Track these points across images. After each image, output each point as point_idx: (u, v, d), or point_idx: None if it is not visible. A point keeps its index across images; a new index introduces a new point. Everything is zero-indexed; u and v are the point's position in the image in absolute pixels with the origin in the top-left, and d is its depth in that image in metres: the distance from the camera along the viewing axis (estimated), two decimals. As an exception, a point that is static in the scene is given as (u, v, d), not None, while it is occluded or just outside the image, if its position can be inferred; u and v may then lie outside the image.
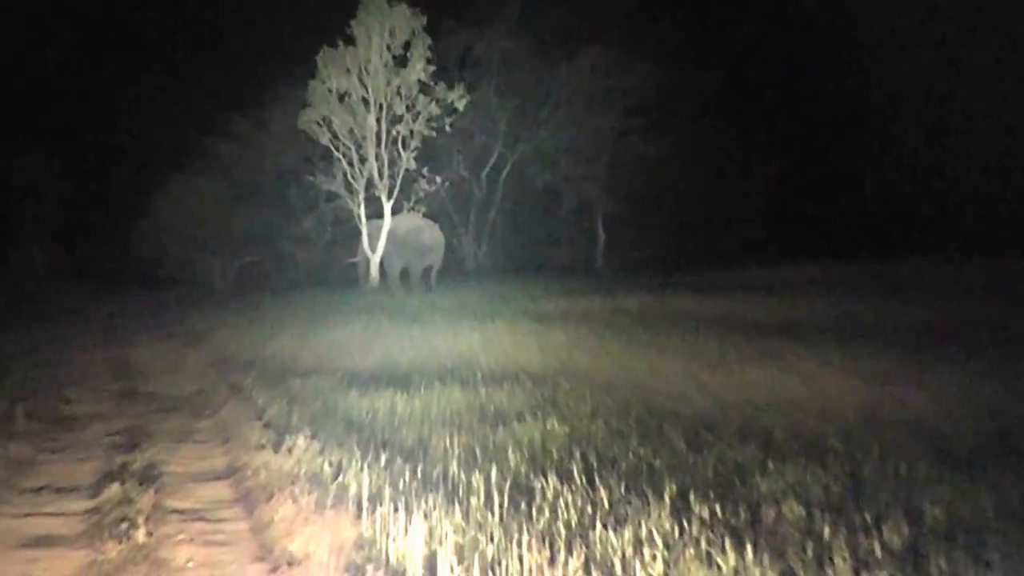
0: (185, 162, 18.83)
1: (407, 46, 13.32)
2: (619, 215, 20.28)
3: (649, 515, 2.69)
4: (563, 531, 2.64)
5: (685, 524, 2.62)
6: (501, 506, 2.85)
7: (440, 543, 2.60)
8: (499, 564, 2.47)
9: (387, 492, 3.03)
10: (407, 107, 13.46)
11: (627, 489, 2.93)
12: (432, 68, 13.35)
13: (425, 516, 2.79)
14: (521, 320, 7.98)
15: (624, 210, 19.98)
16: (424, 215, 14.51)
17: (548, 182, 19.99)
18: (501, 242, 21.69)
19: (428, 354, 6.33)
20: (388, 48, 13.31)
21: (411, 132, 13.51)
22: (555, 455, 3.42)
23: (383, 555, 2.64)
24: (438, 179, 14.16)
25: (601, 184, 19.79)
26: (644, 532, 2.57)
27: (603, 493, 2.90)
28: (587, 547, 2.52)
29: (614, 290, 11.66)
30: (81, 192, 20.10)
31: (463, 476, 3.16)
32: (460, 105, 13.60)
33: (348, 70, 13.27)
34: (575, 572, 2.41)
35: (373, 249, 13.87)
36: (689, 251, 19.57)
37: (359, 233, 14.34)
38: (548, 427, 3.87)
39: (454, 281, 15.53)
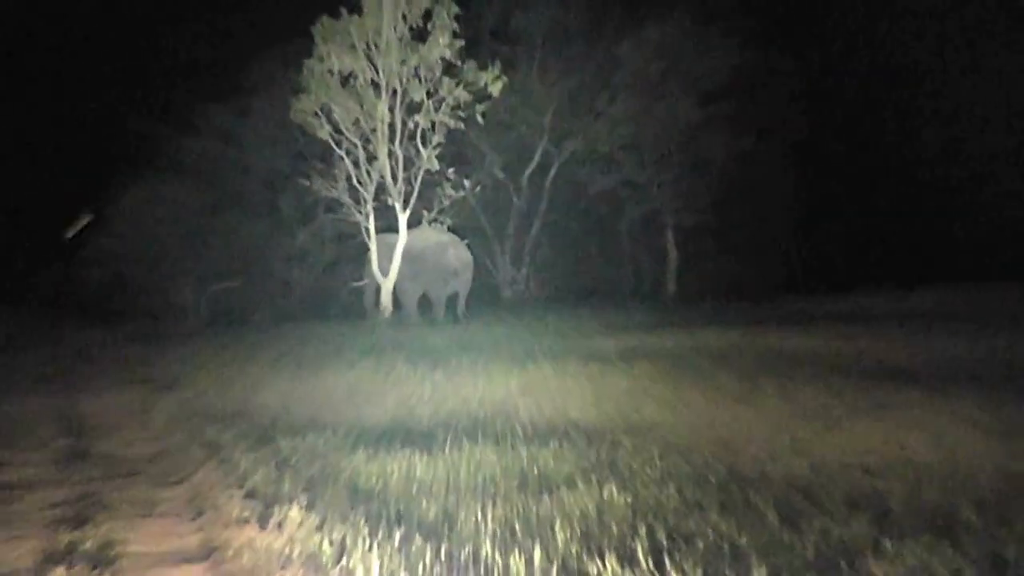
0: (148, 163, 18.64)
1: (427, 15, 13.51)
2: (695, 229, 20.37)
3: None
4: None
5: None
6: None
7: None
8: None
9: (403, 576, 3.06)
10: (428, 92, 13.68)
11: (706, 575, 2.96)
12: (460, 43, 13.56)
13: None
14: (572, 361, 8.10)
15: (701, 223, 20.10)
16: (449, 229, 14.81)
17: (605, 188, 20.18)
18: (546, 263, 21.85)
19: (455, 404, 6.46)
20: (404, 18, 13.49)
21: (432, 124, 13.73)
22: (614, 531, 3.45)
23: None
24: (467, 183, 14.46)
25: (671, 190, 19.93)
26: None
27: (674, 579, 2.93)
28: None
29: (689, 323, 11.85)
30: (15, 199, 19.92)
31: (498, 558, 3.20)
32: (495, 90, 13.71)
33: (353, 46, 13.47)
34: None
35: (384, 272, 14.12)
36: (780, 274, 19.69)
37: (366, 252, 14.64)
38: (605, 496, 3.91)
39: (487, 312, 15.69)
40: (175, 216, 18.49)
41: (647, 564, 3.06)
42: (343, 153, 14.04)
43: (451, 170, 14.13)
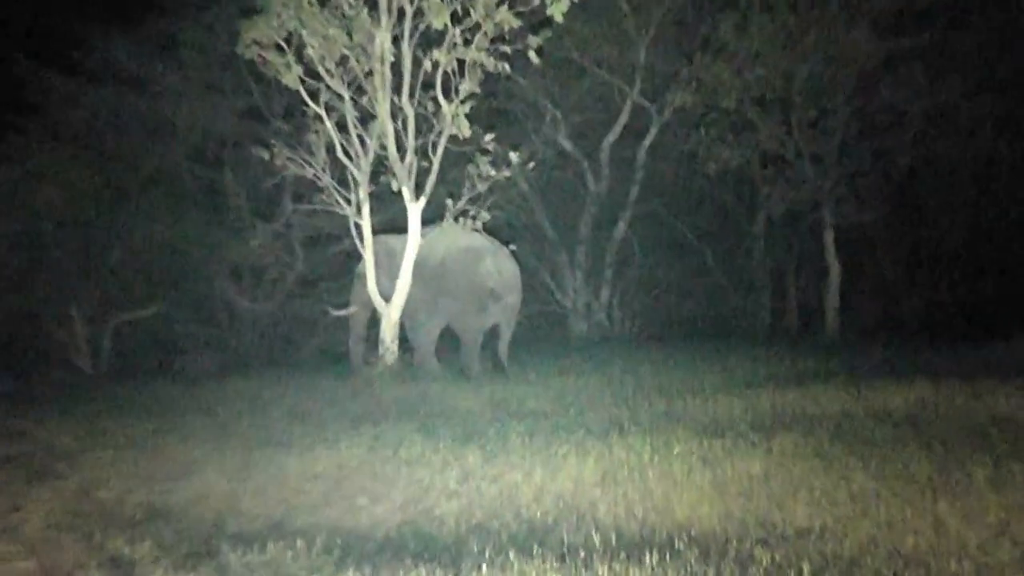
0: (12, 124, 17.95)
1: None
2: (868, 231, 20.32)
3: None
4: None
5: None
6: None
7: None
8: None
9: None
10: (454, 15, 13.66)
11: None
12: (503, -63, 13.70)
13: None
14: (680, 434, 8.20)
15: (878, 222, 20.13)
16: (485, 229, 14.85)
17: (730, 165, 20.24)
18: (640, 282, 21.97)
19: (497, 500, 6.58)
20: None
21: (461, 65, 13.78)
22: None
23: None
24: (514, 157, 14.43)
25: (835, 171, 19.96)
26: None
27: None
28: None
29: (862, 374, 11.81)
30: None
31: None
32: (558, 10, 13.76)
33: (336, -62, 13.74)
34: None
35: (386, 295, 14.23)
36: (988, 304, 19.60)
37: (358, 263, 14.83)
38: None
39: (547, 357, 15.85)
40: (58, 206, 17.97)
41: None
42: (321, 110, 14.05)
43: (489, 137, 14.13)
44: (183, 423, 10.22)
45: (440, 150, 13.92)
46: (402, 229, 14.32)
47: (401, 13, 13.71)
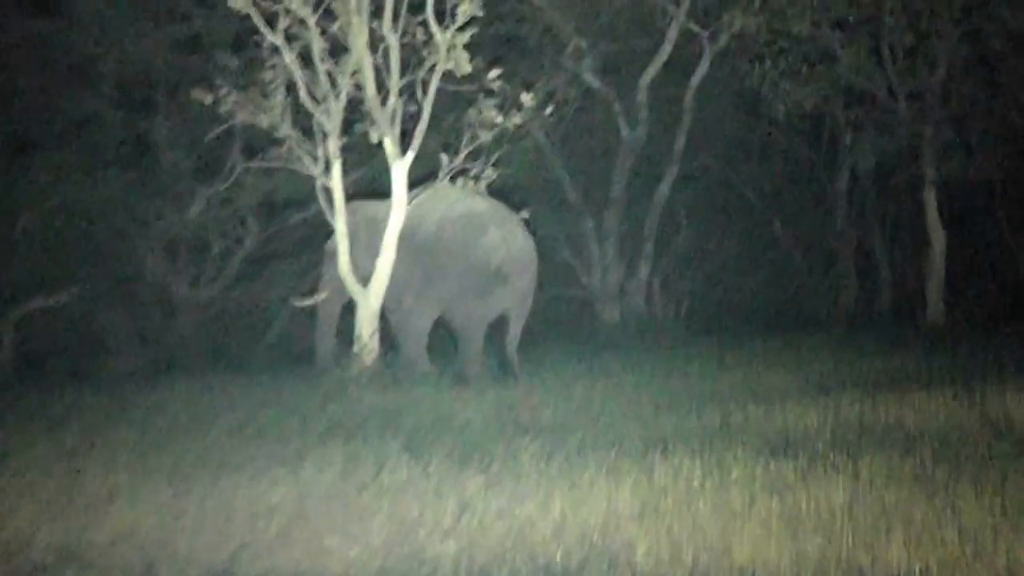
0: None
1: None
2: (981, 190, 20.35)
3: None
4: None
5: None
6: None
7: None
8: None
9: None
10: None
11: None
12: None
13: None
14: (739, 453, 8.19)
15: (993, 178, 20.26)
16: (490, 192, 14.83)
17: (803, 108, 20.22)
18: (686, 256, 21.95)
19: (506, 537, 6.52)
20: None
21: (457, -22, 13.90)
22: None
23: None
24: (526, 99, 14.43)
25: (937, 116, 19.94)
26: None
27: None
28: None
29: (975, 374, 11.76)
30: None
31: None
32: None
33: None
34: None
35: (363, 277, 14.21)
36: None
37: (328, 237, 14.91)
38: None
39: (570, 352, 16.01)
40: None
41: None
42: (279, 39, 14.00)
43: (495, 74, 14.14)
44: (105, 440, 10.15)
45: (432, 91, 13.93)
46: (384, 193, 14.33)
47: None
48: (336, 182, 14.20)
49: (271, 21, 13.90)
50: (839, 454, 7.97)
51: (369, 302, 14.06)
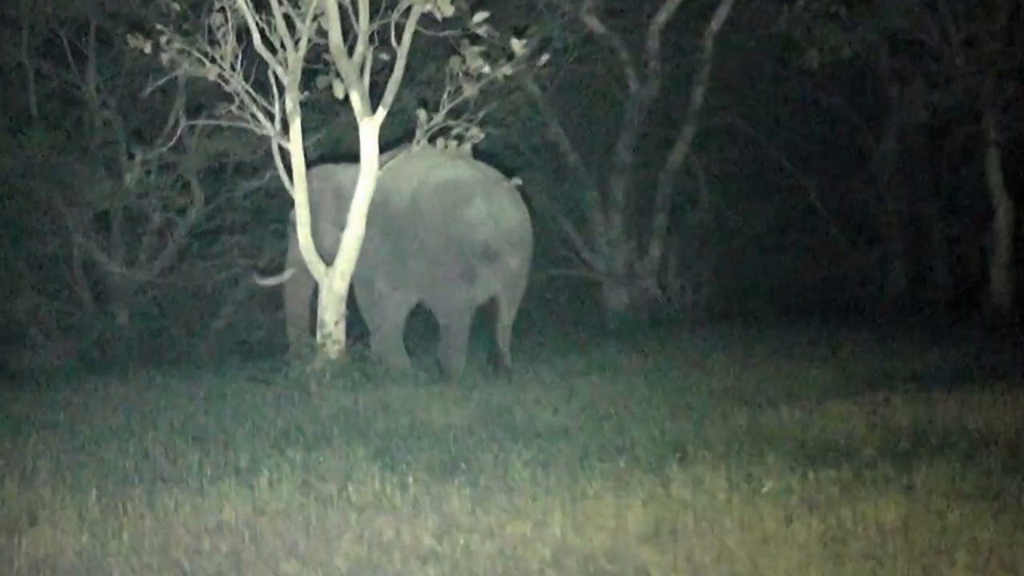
0: None
1: None
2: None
3: None
4: None
5: None
6: None
7: None
8: None
9: None
10: None
11: None
12: None
13: None
14: (772, 462, 8.18)
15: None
16: (476, 155, 14.76)
17: (841, 56, 20.12)
18: (706, 231, 21.98)
19: (494, 564, 6.45)
20: None
21: None
22: None
23: None
24: (517, 46, 14.36)
25: (998, 67, 19.96)
26: None
27: None
28: None
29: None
30: None
31: None
32: None
33: None
34: None
35: (327, 254, 14.18)
36: None
37: (289, 209, 14.84)
38: None
39: (571, 345, 16.12)
40: None
41: None
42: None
43: (481, 17, 14.07)
44: (25, 449, 10.13)
45: (407, 37, 13.89)
46: (351, 156, 14.29)
47: None
48: (295, 143, 14.11)
49: (217, -47, 13.94)
50: (889, 464, 7.95)
51: (334, 284, 13.97)
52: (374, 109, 13.87)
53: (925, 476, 7.55)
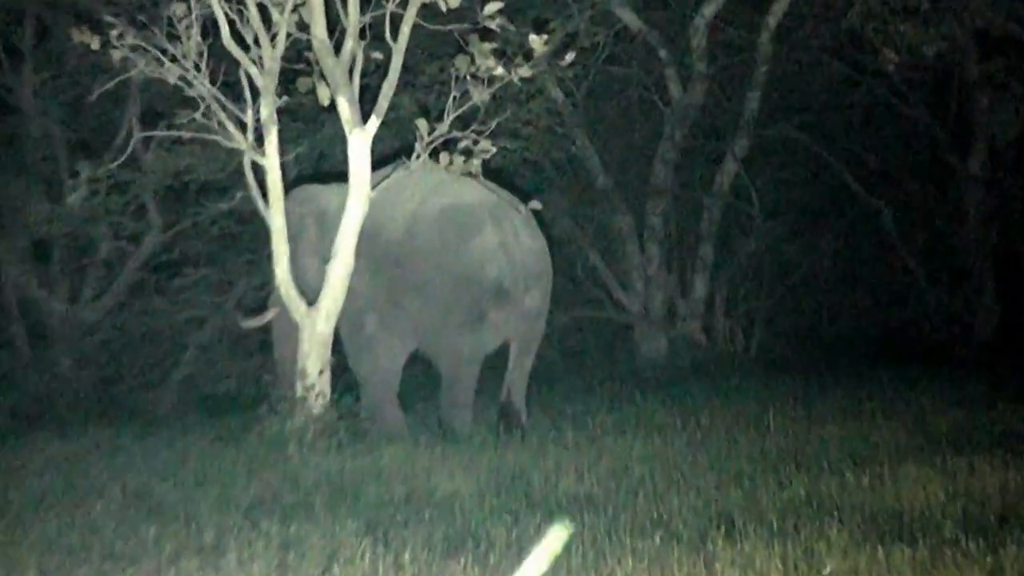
0: None
1: None
2: None
3: None
4: None
5: None
6: None
7: None
8: None
9: None
10: None
11: None
12: None
13: None
14: (835, 538, 8.15)
15: None
16: (487, 175, 14.72)
17: (920, 58, 20.11)
18: (760, 264, 22.02)
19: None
20: None
21: None
22: None
23: None
24: (537, 43, 14.38)
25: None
26: None
27: None
28: None
29: None
30: None
31: None
32: None
33: None
34: None
35: (310, 290, 14.18)
36: None
37: (262, 236, 14.90)
38: None
39: (599, 397, 16.15)
40: None
41: None
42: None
43: (494, 7, 14.09)
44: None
45: (405, 31, 13.91)
46: (338, 174, 14.31)
47: None
48: (271, 159, 14.08)
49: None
50: (973, 540, 7.91)
51: (317, 327, 13.90)
52: (365, 118, 13.86)
53: (1015, 557, 7.54)
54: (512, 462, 11.76)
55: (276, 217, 14.04)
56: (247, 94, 14.08)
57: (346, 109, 13.81)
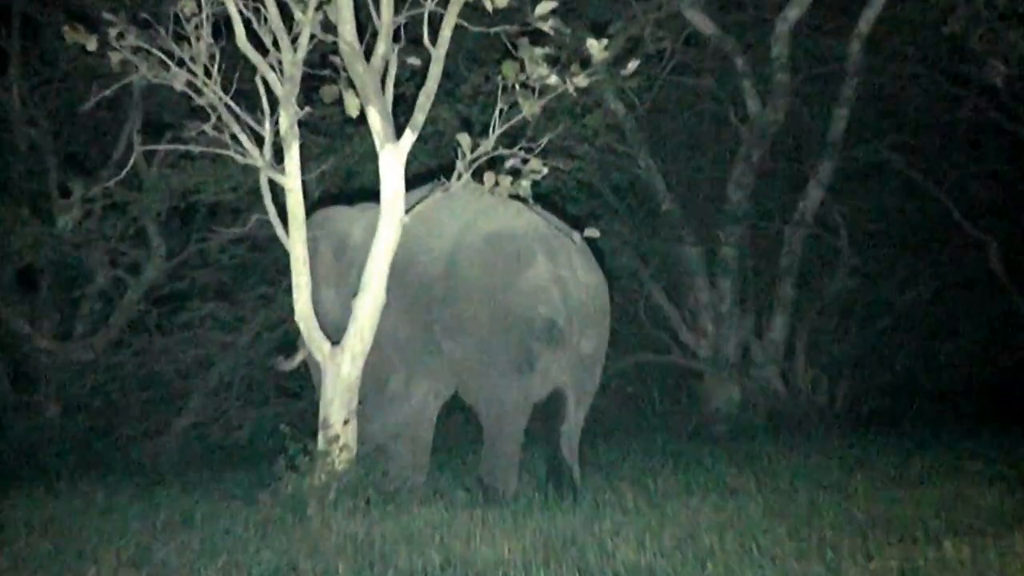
0: None
1: None
2: None
3: None
4: None
5: None
6: None
7: None
8: None
9: None
10: None
11: None
12: None
13: None
14: None
15: None
16: (537, 200, 14.66)
17: (1018, 72, 20.12)
18: (848, 304, 22.05)
19: None
20: None
21: None
22: None
23: None
24: (595, 48, 14.39)
25: None
26: None
27: None
28: None
29: None
30: None
31: None
32: None
33: None
34: None
35: (333, 327, 14.21)
36: None
37: (281, 264, 14.86)
38: None
39: (662, 454, 16.13)
40: None
41: None
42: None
43: (548, 7, 14.06)
44: (-82, 587, 10.25)
45: (445, 34, 13.94)
46: (367, 195, 14.31)
47: None
48: (292, 177, 14.05)
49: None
50: None
51: (342, 370, 13.88)
52: (399, 132, 13.89)
53: None
54: (563, 527, 11.72)
55: (297, 244, 13.96)
56: (264, 104, 14.05)
57: (377, 122, 13.81)
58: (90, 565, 10.58)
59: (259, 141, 13.99)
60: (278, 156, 13.98)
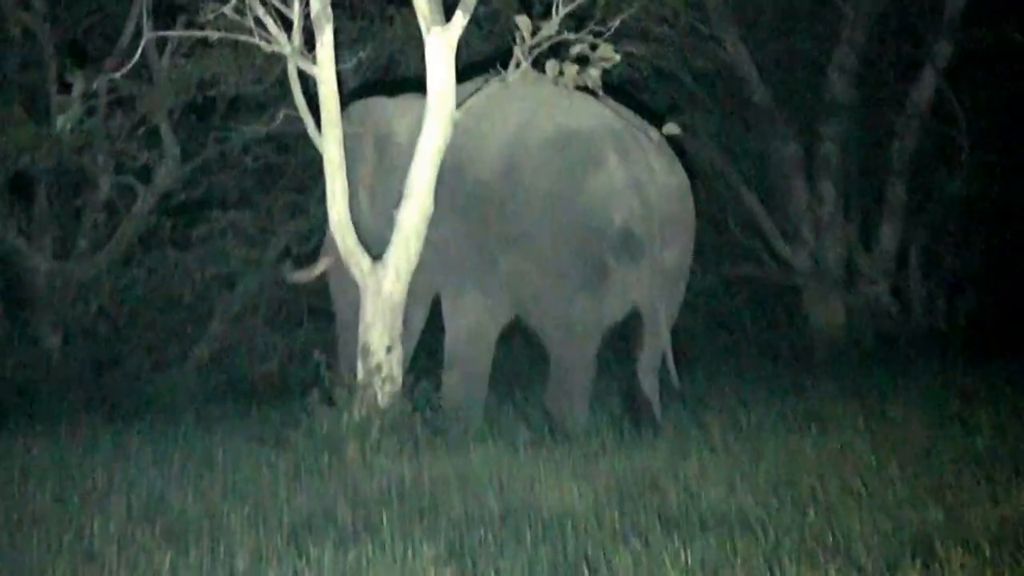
0: None
1: None
2: None
3: None
4: None
5: None
6: None
7: None
8: None
9: None
10: None
11: None
12: None
13: None
14: None
15: None
16: (609, 91, 14.61)
17: None
18: (968, 209, 21.93)
19: None
20: None
21: None
22: None
23: None
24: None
25: None
26: None
27: None
28: None
29: None
30: None
31: None
32: None
33: None
34: None
35: (374, 238, 14.18)
36: None
37: (312, 169, 14.93)
38: None
39: (762, 382, 16.31)
40: None
41: None
42: None
43: None
44: None
45: None
46: (411, 86, 14.31)
47: None
48: (324, 67, 14.05)
49: None
50: None
51: (383, 288, 13.89)
52: (448, 14, 13.90)
53: None
54: (641, 468, 11.70)
55: (330, 144, 13.92)
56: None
57: (423, 1, 13.80)
58: (96, 517, 10.61)
59: (287, 25, 13.95)
60: (308, 42, 13.94)
